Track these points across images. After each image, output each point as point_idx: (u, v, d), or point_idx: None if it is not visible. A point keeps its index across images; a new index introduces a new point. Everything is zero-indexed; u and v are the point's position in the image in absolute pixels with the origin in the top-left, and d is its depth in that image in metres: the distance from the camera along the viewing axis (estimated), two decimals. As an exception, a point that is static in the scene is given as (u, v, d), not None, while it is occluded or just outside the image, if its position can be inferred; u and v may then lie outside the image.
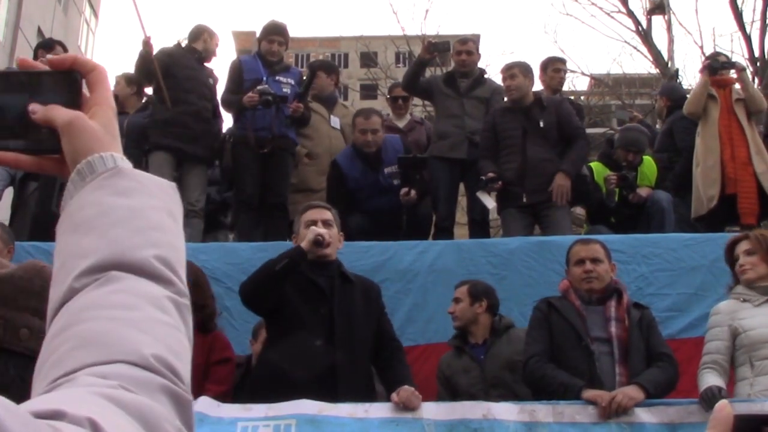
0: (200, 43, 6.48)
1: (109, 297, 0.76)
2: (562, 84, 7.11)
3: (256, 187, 6.18)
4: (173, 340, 0.76)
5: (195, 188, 6.17)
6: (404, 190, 5.64)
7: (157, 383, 0.71)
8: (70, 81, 0.91)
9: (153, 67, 6.07)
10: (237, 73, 6.30)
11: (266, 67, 6.27)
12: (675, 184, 6.33)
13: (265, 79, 6.14)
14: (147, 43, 6.12)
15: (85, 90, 0.93)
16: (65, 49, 6.78)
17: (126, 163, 0.86)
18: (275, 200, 6.22)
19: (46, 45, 6.96)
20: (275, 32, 6.39)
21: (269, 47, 6.31)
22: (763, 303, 3.93)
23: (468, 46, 6.53)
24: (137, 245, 0.80)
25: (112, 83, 6.40)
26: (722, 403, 0.67)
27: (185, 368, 0.75)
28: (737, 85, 6.22)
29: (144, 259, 0.80)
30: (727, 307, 4.00)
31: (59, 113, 0.88)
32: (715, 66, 6.19)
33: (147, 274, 0.79)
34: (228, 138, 6.49)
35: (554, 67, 6.86)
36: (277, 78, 6.23)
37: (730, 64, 6.45)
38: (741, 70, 6.48)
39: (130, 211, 0.82)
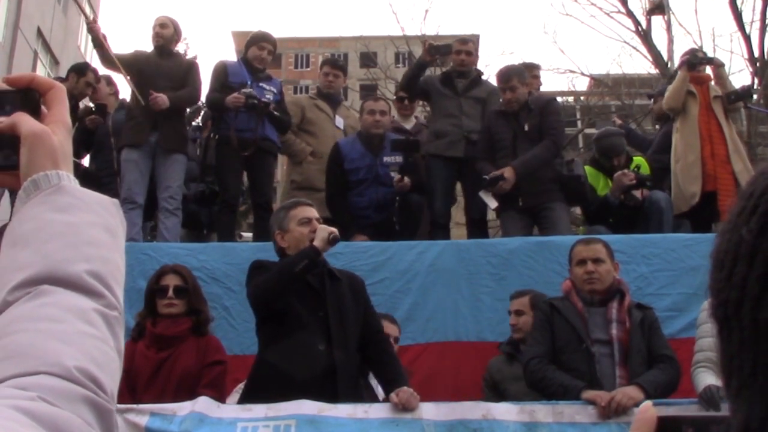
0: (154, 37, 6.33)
1: (37, 310, 0.78)
2: (538, 88, 7.16)
3: (239, 187, 6.26)
4: (98, 352, 0.77)
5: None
6: (398, 176, 5.59)
7: (78, 394, 0.72)
8: (28, 99, 0.93)
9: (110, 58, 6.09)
10: (221, 74, 6.31)
11: (251, 72, 6.30)
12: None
13: (250, 83, 6.17)
14: (92, 27, 6.10)
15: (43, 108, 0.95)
16: (96, 76, 6.73)
17: (70, 181, 0.89)
18: (259, 200, 6.27)
19: (79, 69, 6.73)
20: (266, 39, 6.44)
21: (259, 53, 6.33)
22: None
23: (468, 46, 6.57)
24: (70, 259, 0.83)
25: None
26: (646, 405, 0.68)
27: (109, 379, 0.77)
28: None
29: (75, 273, 0.82)
30: None
31: (28, 123, 0.91)
32: (694, 61, 6.19)
33: (77, 288, 0.81)
34: (213, 136, 6.49)
35: (531, 74, 6.86)
36: (260, 84, 6.27)
37: (708, 60, 6.43)
38: (719, 66, 6.46)
39: (67, 226, 0.85)
